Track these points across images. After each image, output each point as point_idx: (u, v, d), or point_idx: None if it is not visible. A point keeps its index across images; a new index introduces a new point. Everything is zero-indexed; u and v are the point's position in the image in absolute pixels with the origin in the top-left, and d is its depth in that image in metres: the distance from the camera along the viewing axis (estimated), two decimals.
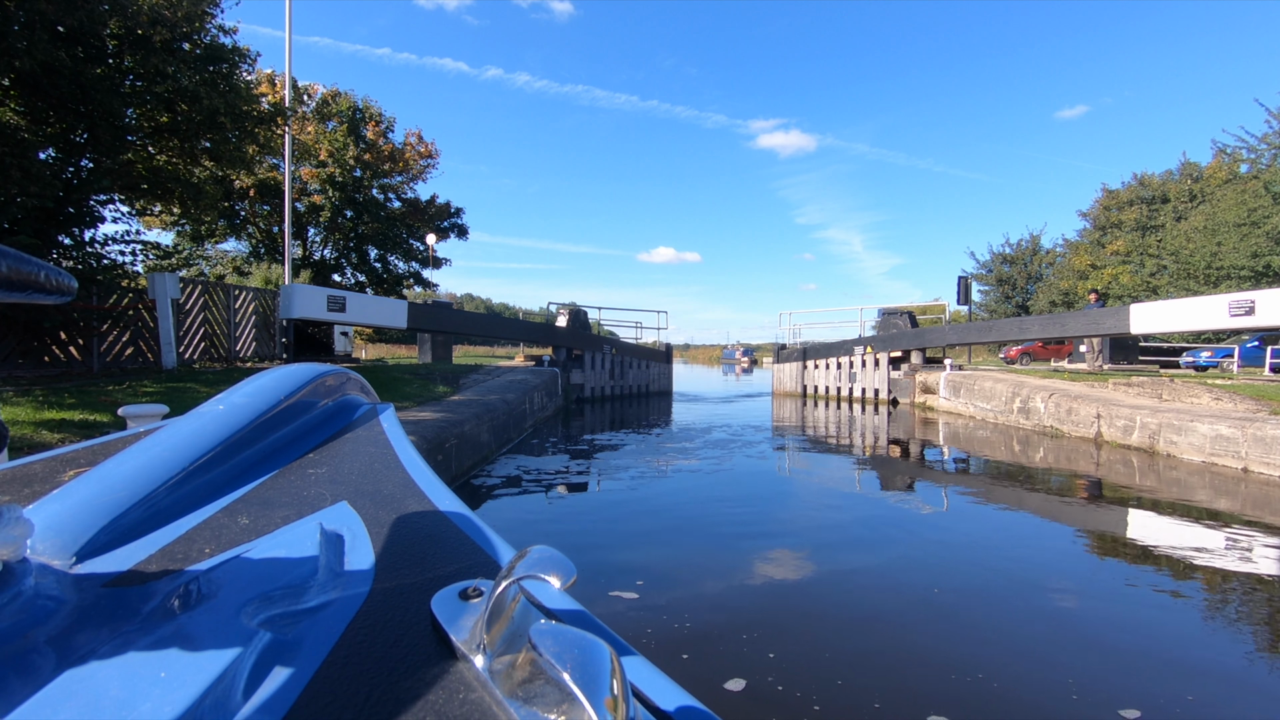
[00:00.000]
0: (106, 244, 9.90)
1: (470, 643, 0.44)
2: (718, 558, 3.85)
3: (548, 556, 0.42)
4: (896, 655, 2.63)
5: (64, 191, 8.88)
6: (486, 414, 6.54)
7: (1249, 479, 5.92)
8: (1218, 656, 2.66)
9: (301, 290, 10.43)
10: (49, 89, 7.77)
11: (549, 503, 5.13)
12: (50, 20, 7.27)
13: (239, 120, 10.09)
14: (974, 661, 2.54)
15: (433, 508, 0.71)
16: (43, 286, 0.59)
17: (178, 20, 8.68)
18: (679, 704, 0.42)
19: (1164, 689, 2.38)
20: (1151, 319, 10.42)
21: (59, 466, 0.77)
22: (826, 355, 16.32)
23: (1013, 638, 2.80)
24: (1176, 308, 10.23)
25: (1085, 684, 2.37)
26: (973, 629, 2.88)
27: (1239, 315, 9.22)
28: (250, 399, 0.86)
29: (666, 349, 18.08)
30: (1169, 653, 2.70)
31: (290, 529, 0.63)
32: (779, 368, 18.12)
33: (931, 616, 2.99)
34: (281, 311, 9.79)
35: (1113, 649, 2.68)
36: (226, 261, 23.09)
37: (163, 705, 0.37)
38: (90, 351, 9.90)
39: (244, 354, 14.43)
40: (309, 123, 21.73)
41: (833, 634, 2.82)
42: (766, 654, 2.58)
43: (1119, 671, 2.50)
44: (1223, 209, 24.47)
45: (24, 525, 0.49)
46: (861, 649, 2.68)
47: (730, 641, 2.70)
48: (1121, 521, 4.77)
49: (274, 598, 0.51)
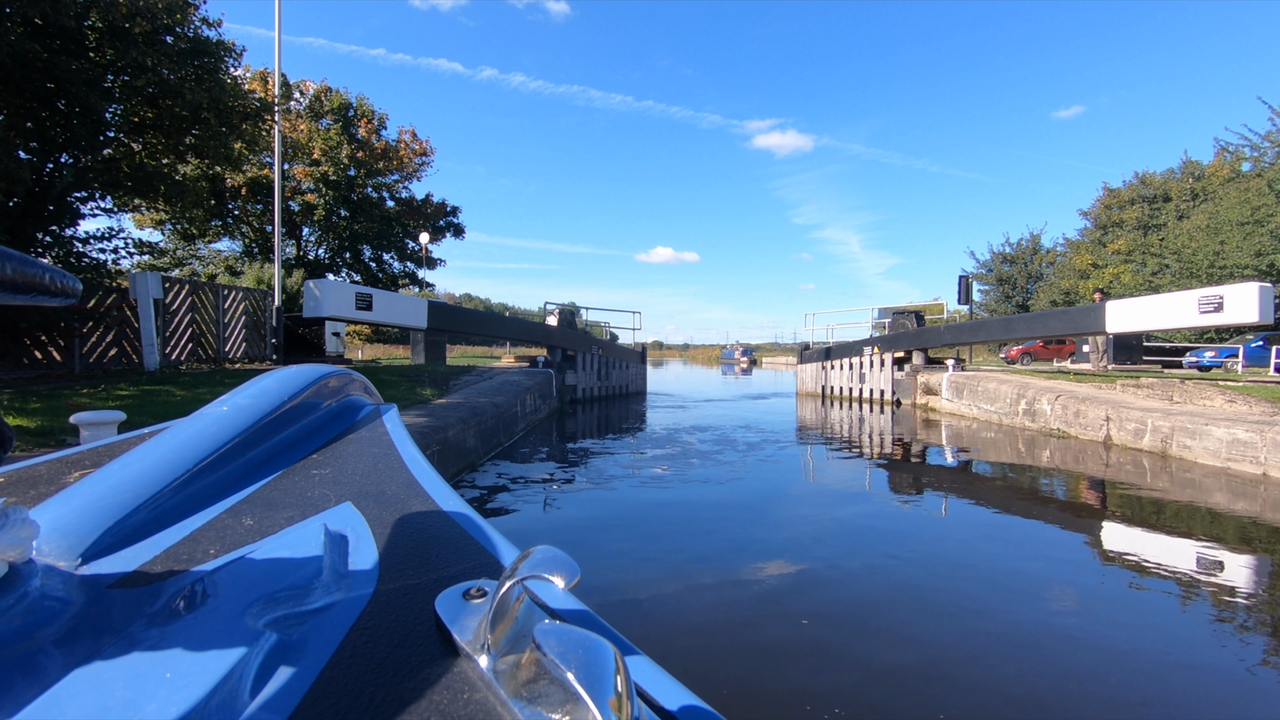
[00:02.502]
0: (88, 242, 9.65)
1: (474, 643, 0.44)
2: (719, 559, 3.80)
3: (551, 556, 0.42)
4: (901, 656, 2.59)
5: (40, 187, 8.62)
6: (473, 418, 6.28)
7: (1269, 483, 5.68)
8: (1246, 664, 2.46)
9: (330, 286, 9.44)
10: (22, 81, 7.50)
11: (544, 510, 4.89)
12: (22, 10, 7.01)
13: (224, 116, 9.82)
14: (979, 665, 2.52)
15: (436, 508, 0.71)
16: (47, 289, 0.57)
17: (158, 11, 8.42)
18: (683, 703, 0.42)
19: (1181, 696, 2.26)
20: (1126, 317, 10.18)
21: (64, 468, 0.78)
22: (842, 356, 16.30)
23: (1026, 645, 2.69)
24: (1149, 305, 9.97)
25: (1104, 693, 2.27)
26: (982, 635, 2.81)
27: (1208, 312, 8.95)
28: (254, 400, 0.86)
29: (641, 350, 18.05)
30: (1184, 659, 2.59)
31: (294, 530, 0.64)
32: (802, 368, 18.20)
33: (934, 619, 2.96)
34: (306, 310, 8.95)
35: (1132, 657, 2.56)
36: (219, 261, 22.82)
37: (169, 705, 0.37)
38: (71, 353, 9.63)
39: (233, 355, 14.15)
40: (301, 121, 21.46)
41: (837, 635, 2.80)
42: (769, 654, 2.58)
43: (1138, 683, 2.39)
44: (1225, 207, 24.26)
45: (29, 527, 0.49)
46: (865, 649, 2.66)
47: (734, 642, 2.70)
48: (1141, 528, 4.52)
49: (279, 598, 0.50)
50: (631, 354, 17.40)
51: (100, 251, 9.66)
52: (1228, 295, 8.77)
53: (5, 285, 0.53)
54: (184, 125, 9.58)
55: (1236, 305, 8.67)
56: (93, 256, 9.59)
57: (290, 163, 21.28)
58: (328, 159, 21.77)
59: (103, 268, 9.65)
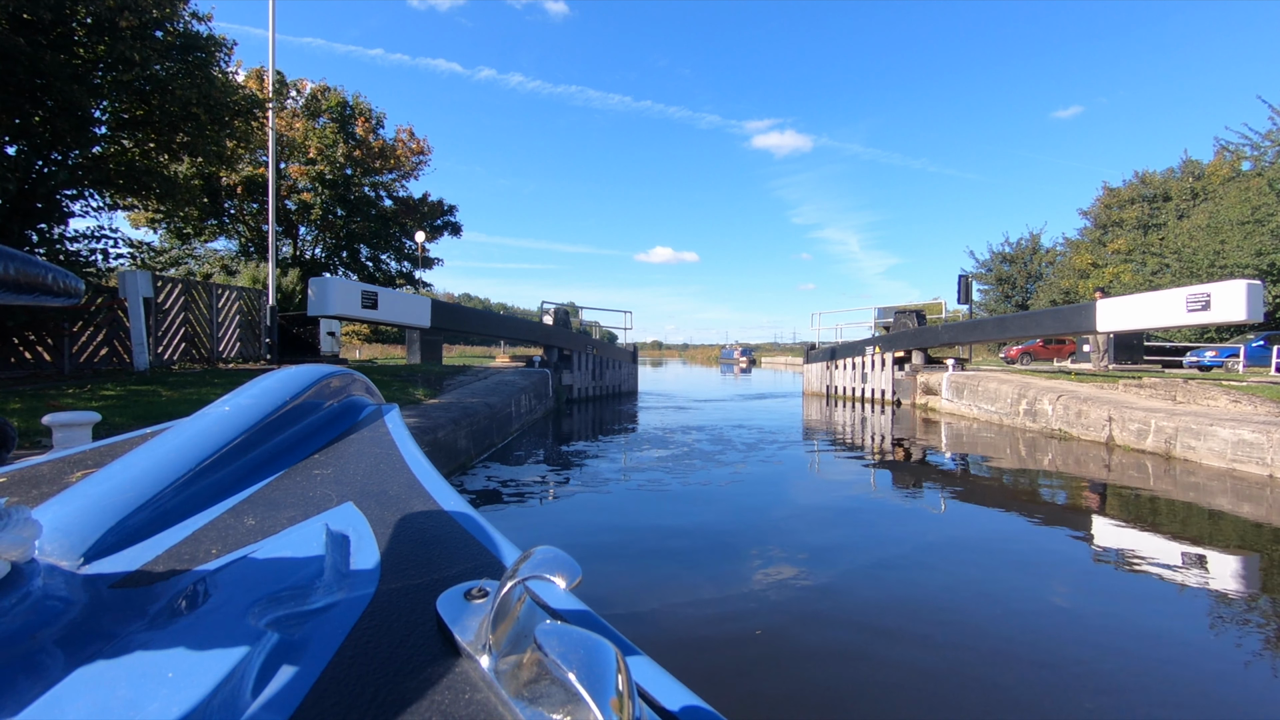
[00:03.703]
0: (77, 240, 9.52)
1: (476, 643, 0.44)
2: (720, 560, 3.78)
3: (552, 557, 0.42)
4: (903, 657, 2.58)
5: (29, 185, 8.49)
6: (465, 418, 6.17)
7: (1276, 485, 5.57)
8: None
9: (336, 284, 9.12)
10: (6, 76, 7.37)
11: (541, 508, 4.77)
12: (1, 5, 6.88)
13: (215, 112, 9.68)
14: (983, 668, 2.50)
15: (438, 508, 0.71)
16: (50, 289, 0.57)
17: (146, 5, 8.29)
18: (684, 704, 0.42)
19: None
20: (1117, 316, 10.04)
21: (66, 468, 0.78)
22: (846, 355, 16.27)
23: (1030, 649, 2.63)
24: (1139, 303, 9.82)
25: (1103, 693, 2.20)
26: (986, 639, 2.76)
27: (1195, 310, 8.74)
28: (256, 400, 0.86)
29: (633, 350, 18.00)
30: (1195, 663, 2.50)
31: (296, 530, 0.63)
32: (808, 368, 18.22)
33: (936, 620, 2.95)
34: (313, 308, 8.69)
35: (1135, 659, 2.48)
36: (215, 260, 22.68)
37: (171, 705, 0.37)
38: (61, 353, 9.50)
39: (227, 355, 14.03)
40: (297, 119, 21.33)
41: (838, 636, 2.79)
42: (770, 655, 2.57)
43: (1140, 687, 2.33)
44: (1226, 206, 24.16)
45: (32, 526, 0.49)
46: (866, 650, 2.65)
47: (736, 642, 2.68)
48: (1147, 530, 4.41)
49: (280, 598, 0.50)
50: (623, 354, 17.39)
51: (90, 251, 9.54)
52: (1215, 293, 8.55)
53: (8, 285, 0.53)
54: (175, 122, 9.45)
55: (1224, 303, 8.45)
56: (82, 255, 9.46)
57: (286, 161, 21.15)
58: (323, 158, 21.63)
59: (91, 266, 9.52)
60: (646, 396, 16.50)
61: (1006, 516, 4.87)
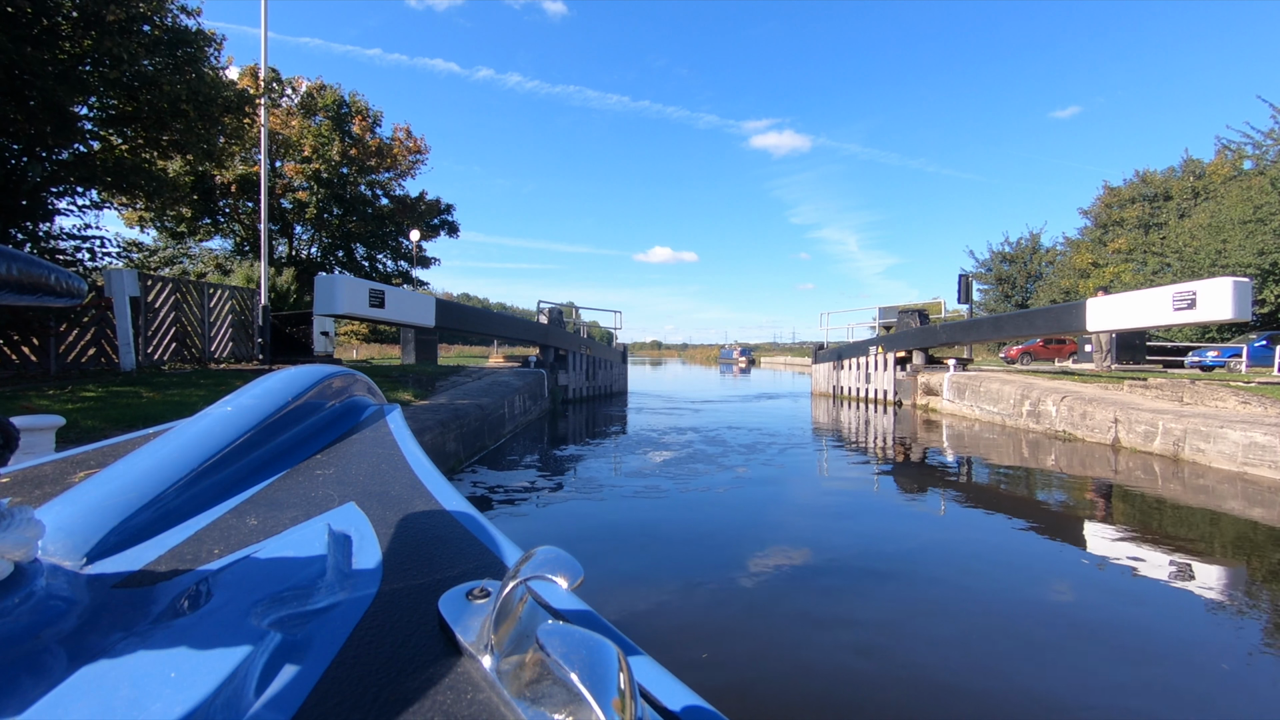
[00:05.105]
0: (61, 238, 9.35)
1: (478, 643, 0.44)
2: (721, 561, 3.73)
3: (554, 557, 0.42)
4: (904, 658, 2.57)
5: (11, 182, 8.32)
6: (454, 420, 6.00)
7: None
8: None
9: (344, 282, 8.79)
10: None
11: (539, 509, 4.61)
12: None
13: (204, 108, 9.51)
14: (988, 671, 2.48)
15: (440, 508, 0.71)
16: (52, 289, 0.56)
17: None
18: (686, 704, 0.42)
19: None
20: (1106, 315, 9.81)
21: (69, 468, 0.78)
22: (852, 356, 16.20)
23: (1034, 653, 2.56)
24: (1127, 302, 9.56)
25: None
26: (991, 643, 2.72)
27: (1181, 309, 8.41)
28: (258, 400, 0.86)
29: (623, 350, 17.89)
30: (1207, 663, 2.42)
31: (298, 530, 0.63)
32: (816, 368, 18.23)
33: (937, 622, 2.92)
34: (319, 306, 8.44)
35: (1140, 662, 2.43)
36: (210, 259, 22.50)
37: (173, 705, 0.37)
38: (47, 353, 9.32)
39: (219, 355, 13.84)
40: (293, 117, 21.14)
41: (839, 637, 2.76)
42: (773, 654, 2.57)
43: (1145, 691, 2.29)
44: (1227, 206, 24.03)
45: (35, 526, 0.49)
46: (868, 652, 2.62)
47: (738, 643, 2.67)
48: (1157, 535, 4.25)
49: (283, 598, 0.50)
50: (614, 354, 17.29)
51: (76, 249, 9.37)
52: (1200, 291, 8.17)
53: (10, 285, 0.52)
54: (163, 118, 9.27)
55: (1210, 302, 8.05)
56: (68, 253, 9.29)
57: (281, 160, 20.96)
58: (319, 156, 21.45)
59: (77, 265, 9.34)
60: (645, 397, 16.35)
61: (1011, 519, 4.71)
